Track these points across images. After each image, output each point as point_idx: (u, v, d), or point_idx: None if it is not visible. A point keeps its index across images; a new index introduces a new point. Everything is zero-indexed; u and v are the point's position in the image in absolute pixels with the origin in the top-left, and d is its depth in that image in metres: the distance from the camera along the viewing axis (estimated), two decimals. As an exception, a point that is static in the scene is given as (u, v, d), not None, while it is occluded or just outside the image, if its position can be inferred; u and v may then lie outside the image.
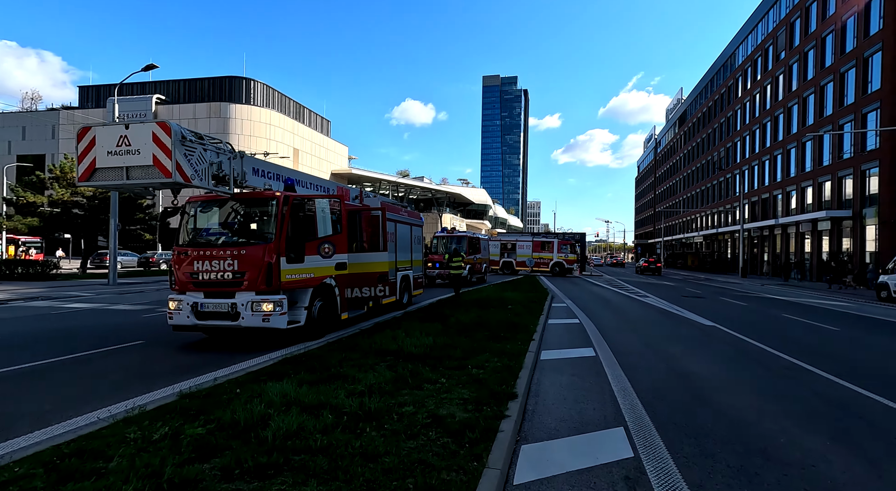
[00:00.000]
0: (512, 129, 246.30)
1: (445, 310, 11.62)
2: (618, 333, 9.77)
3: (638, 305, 15.60)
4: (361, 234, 9.93)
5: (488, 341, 7.72)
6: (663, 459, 3.67)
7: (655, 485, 3.24)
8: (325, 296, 8.47)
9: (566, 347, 8.24)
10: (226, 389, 4.82)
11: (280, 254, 7.24)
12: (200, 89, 67.93)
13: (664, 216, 73.51)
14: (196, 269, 7.33)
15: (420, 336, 7.52)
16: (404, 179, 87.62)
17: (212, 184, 6.47)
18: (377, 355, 6.48)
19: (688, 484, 3.27)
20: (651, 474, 3.40)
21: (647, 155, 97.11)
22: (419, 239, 14.28)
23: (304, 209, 7.54)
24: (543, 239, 35.24)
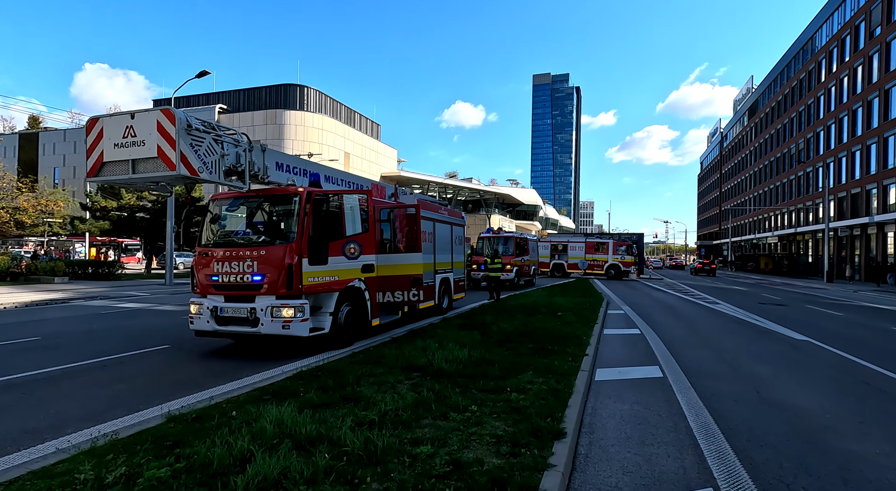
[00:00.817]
0: (563, 128, 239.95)
1: (487, 317, 10.65)
2: (688, 348, 8.38)
3: (708, 314, 13.83)
4: (396, 233, 9.21)
5: (533, 356, 6.70)
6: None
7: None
8: (354, 300, 7.80)
9: (626, 364, 7.04)
10: (221, 411, 4.18)
11: (301, 255, 6.63)
12: (258, 98, 71.03)
13: (731, 215, 68.00)
14: (216, 270, 6.88)
15: (454, 348, 6.63)
16: (452, 180, 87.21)
17: (223, 178, 5.96)
18: (403, 371, 5.67)
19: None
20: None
21: (711, 150, 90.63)
22: (461, 239, 13.41)
23: (327, 206, 6.89)
24: (598, 240, 33.25)
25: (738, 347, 8.68)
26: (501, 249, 21.87)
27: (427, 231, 10.84)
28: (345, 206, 7.20)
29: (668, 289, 23.98)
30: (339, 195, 7.11)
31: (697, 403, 5.12)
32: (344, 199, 7.19)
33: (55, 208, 35.28)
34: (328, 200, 6.90)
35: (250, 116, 67.02)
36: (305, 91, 70.11)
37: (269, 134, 64.26)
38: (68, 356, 6.89)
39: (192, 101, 75.01)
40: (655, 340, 8.98)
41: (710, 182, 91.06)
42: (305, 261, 6.66)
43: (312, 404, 4.32)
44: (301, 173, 7.69)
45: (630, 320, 11.82)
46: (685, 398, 5.31)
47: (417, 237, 8.61)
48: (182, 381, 5.59)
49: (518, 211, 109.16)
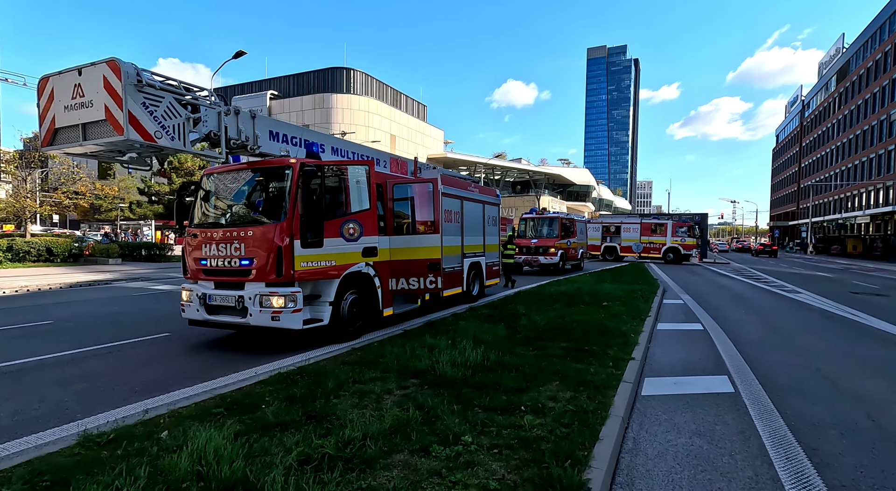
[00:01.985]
0: (620, 104, 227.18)
1: (520, 306, 9.45)
2: (765, 350, 6.79)
3: (787, 305, 11.78)
4: (413, 213, 8.16)
5: (564, 359, 5.49)
6: None
7: None
8: (361, 288, 6.90)
9: (684, 371, 5.65)
10: (149, 429, 3.37)
11: (293, 236, 5.76)
12: (307, 82, 72.01)
13: (812, 193, 61.13)
14: (204, 254, 6.18)
15: (467, 347, 5.55)
16: (499, 161, 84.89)
17: (193, 146, 5.14)
18: (399, 376, 4.68)
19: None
20: None
21: (790, 121, 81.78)
22: (495, 220, 12.16)
23: (322, 180, 5.94)
24: (654, 221, 30.55)
25: (834, 350, 6.94)
26: (546, 230, 20.34)
27: (452, 210, 9.72)
28: (344, 179, 6.23)
29: (737, 274, 21.42)
30: (334, 167, 6.13)
31: (787, 438, 3.74)
32: (341, 171, 6.22)
33: (125, 194, 37.67)
34: (322, 173, 5.95)
35: (299, 101, 68.10)
36: (352, 74, 70.14)
37: (318, 118, 65.08)
38: (60, 345, 6.51)
39: (245, 88, 77.45)
40: (723, 339, 7.41)
41: (787, 157, 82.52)
42: (298, 243, 5.79)
43: (264, 425, 3.42)
44: (302, 144, 6.79)
45: (690, 312, 10.16)
46: (768, 428, 3.93)
47: (436, 216, 7.53)
48: (149, 380, 4.92)
49: (570, 192, 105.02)
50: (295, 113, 66.00)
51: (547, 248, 19.29)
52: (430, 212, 7.62)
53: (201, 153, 5.38)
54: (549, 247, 19.27)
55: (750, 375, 5.47)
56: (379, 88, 73.10)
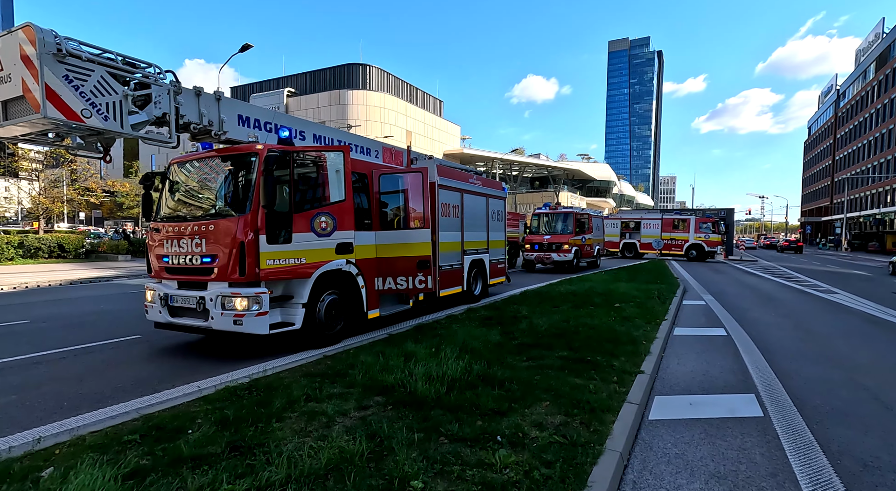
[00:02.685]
0: (642, 97, 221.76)
1: (523, 308, 8.71)
2: (801, 362, 5.90)
3: (823, 307, 10.71)
4: (404, 206, 7.50)
5: (561, 371, 4.76)
6: None
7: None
8: (342, 288, 6.29)
9: (702, 388, 4.84)
10: (39, 461, 2.81)
11: (259, 231, 5.16)
12: (323, 79, 72.11)
13: (847, 187, 58.09)
14: (166, 250, 5.65)
15: (450, 357, 4.88)
16: (517, 157, 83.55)
17: (132, 128, 4.56)
18: (363, 393, 4.04)
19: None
20: None
21: (824, 112, 78.05)
22: (500, 214, 11.42)
23: (290, 167, 5.32)
24: (676, 216, 29.19)
25: (881, 362, 6.00)
26: (560, 226, 19.43)
27: (451, 203, 9.04)
28: (317, 167, 5.60)
29: (765, 272, 20.10)
30: (304, 154, 5.50)
31: (832, 483, 2.95)
32: (312, 158, 5.58)
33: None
34: (290, 161, 5.33)
35: (315, 98, 68.15)
36: (368, 70, 69.88)
37: (334, 115, 65.04)
38: (20, 347, 6.09)
39: (263, 86, 78.14)
40: (749, 348, 6.54)
41: (820, 149, 78.86)
42: (263, 238, 5.19)
43: (175, 458, 2.81)
44: (275, 130, 6.18)
45: (712, 315, 9.24)
46: (808, 469, 3.14)
47: (426, 210, 6.85)
48: (88, 392, 4.38)
49: (589, 187, 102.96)
50: (311, 110, 66.13)
51: (560, 244, 18.40)
52: (421, 205, 6.94)
53: (148, 138, 4.84)
54: (563, 243, 18.38)
55: (782, 393, 4.64)
56: (395, 84, 72.69)
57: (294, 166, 5.36)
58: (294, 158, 5.35)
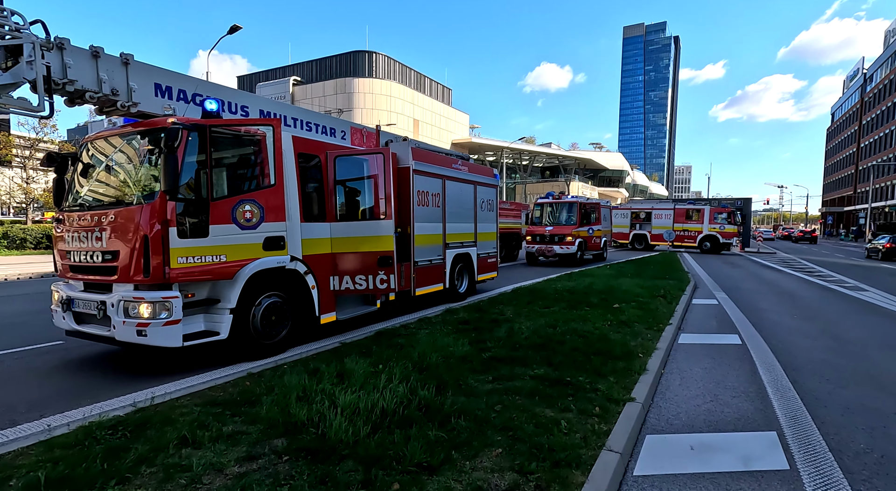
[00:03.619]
0: (657, 85, 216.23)
1: (509, 309, 7.75)
2: (832, 382, 4.85)
3: (852, 307, 9.54)
4: (365, 193, 6.55)
5: (531, 397, 3.82)
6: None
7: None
8: (288, 289, 5.39)
9: (709, 423, 3.83)
10: None
11: (168, 222, 4.26)
12: (329, 67, 71.08)
13: (873, 175, 55.51)
14: (68, 245, 4.79)
15: (396, 376, 3.96)
16: (528, 146, 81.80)
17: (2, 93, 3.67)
18: (263, 433, 3.14)
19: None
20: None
21: (849, 98, 74.75)
22: (490, 204, 10.40)
23: (206, 145, 4.39)
24: (689, 206, 27.77)
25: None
26: (563, 217, 18.32)
27: (429, 191, 8.06)
28: (242, 145, 4.67)
29: (784, 266, 18.78)
30: (224, 129, 4.56)
31: None
32: (235, 135, 4.64)
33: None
34: (206, 137, 4.39)
35: (321, 87, 67.20)
36: (374, 57, 68.64)
37: (340, 103, 64.08)
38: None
39: (269, 75, 77.31)
40: (768, 361, 5.50)
41: (843, 136, 75.72)
42: (174, 231, 4.29)
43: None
44: (198, 102, 5.24)
45: (725, 317, 8.16)
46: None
47: (388, 197, 5.88)
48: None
49: (601, 177, 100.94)
50: (317, 98, 65.28)
51: (563, 236, 17.31)
52: (383, 192, 5.98)
53: (8, 105, 3.94)
54: (566, 235, 17.28)
55: (812, 431, 3.62)
56: (402, 72, 71.33)
57: (211, 144, 4.42)
58: (210, 135, 4.41)
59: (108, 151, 4.84)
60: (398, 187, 7.53)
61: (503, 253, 19.25)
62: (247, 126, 4.64)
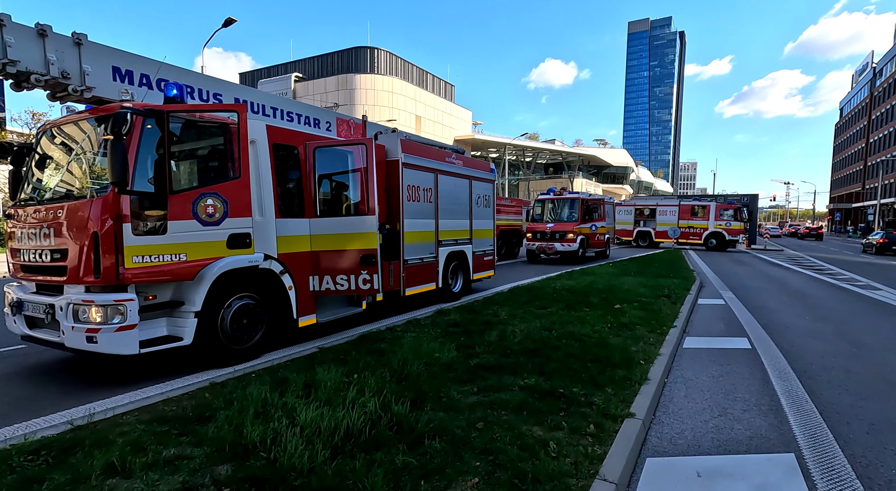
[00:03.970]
0: (663, 80, 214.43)
1: (504, 310, 7.34)
2: (853, 393, 4.42)
3: (866, 307, 9.07)
4: (347, 186, 6.15)
5: (518, 412, 3.43)
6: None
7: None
8: (262, 290, 5.01)
9: (718, 442, 3.42)
10: None
11: (121, 217, 3.88)
12: (331, 63, 70.71)
13: (882, 170, 54.59)
14: (19, 242, 4.43)
15: (371, 387, 3.57)
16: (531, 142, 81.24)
17: None
18: (208, 459, 2.75)
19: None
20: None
21: (858, 92, 73.63)
22: (487, 200, 9.99)
23: (164, 133, 4.00)
24: (695, 203, 27.22)
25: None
26: (565, 213, 17.87)
27: (421, 186, 7.66)
28: (206, 134, 4.28)
29: (792, 264, 18.26)
30: (184, 115, 4.16)
31: None
32: (194, 121, 4.25)
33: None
34: (164, 124, 4.00)
35: (323, 83, 66.78)
36: (376, 53, 68.21)
37: (341, 99, 63.68)
38: None
39: (271, 71, 76.99)
40: (781, 369, 5.07)
41: (852, 132, 74.63)
42: (128, 228, 3.91)
43: None
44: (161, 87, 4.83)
45: (733, 319, 7.72)
46: None
47: (370, 191, 5.48)
48: None
49: (606, 174, 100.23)
50: (319, 95, 64.86)
51: (564, 233, 16.86)
52: (366, 186, 5.57)
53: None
54: (567, 232, 16.84)
55: (835, 453, 3.20)
56: (404, 68, 70.84)
57: (169, 132, 4.03)
58: (168, 121, 4.01)
59: (61, 141, 4.46)
60: (387, 181, 7.15)
61: (503, 251, 18.84)
62: (209, 112, 4.25)
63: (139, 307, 4.05)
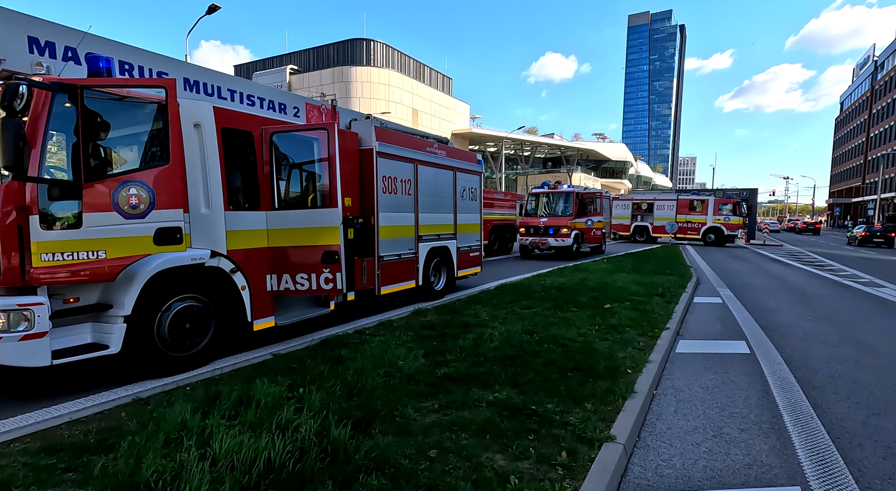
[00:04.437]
0: (662, 74, 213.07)
1: (485, 310, 6.86)
2: (863, 406, 3.94)
3: (870, 306, 8.59)
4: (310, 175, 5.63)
5: (480, 436, 2.95)
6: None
7: None
8: (211, 290, 4.51)
9: (712, 471, 2.94)
10: None
11: (27, 209, 3.37)
12: (326, 56, 69.82)
13: (883, 165, 54.05)
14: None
15: (313, 405, 3.09)
16: (529, 136, 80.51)
17: None
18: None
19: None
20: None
21: (859, 86, 72.92)
22: (473, 192, 9.48)
23: (79, 110, 3.47)
24: (693, 197, 26.69)
25: (984, 406, 4.00)
26: (559, 208, 17.34)
27: (398, 177, 7.14)
28: (124, 112, 3.76)
29: (792, 259, 17.79)
30: (104, 90, 3.63)
31: None
32: (116, 97, 3.73)
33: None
34: (79, 100, 3.47)
35: (318, 75, 65.91)
36: (372, 45, 67.35)
37: (337, 92, 62.74)
38: None
39: (266, 63, 76.09)
40: (783, 378, 4.59)
41: (853, 126, 74.01)
42: (36, 220, 3.40)
43: None
44: (98, 62, 4.28)
45: (730, 319, 7.25)
46: None
47: (332, 181, 4.97)
48: None
49: (605, 168, 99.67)
50: (315, 88, 63.98)
51: (558, 228, 16.35)
52: (328, 175, 5.05)
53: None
54: (562, 227, 16.32)
55: (849, 485, 2.72)
56: (401, 60, 69.93)
57: (85, 110, 3.50)
58: (83, 97, 3.48)
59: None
60: (360, 172, 6.64)
61: (496, 246, 18.35)
62: (130, 87, 3.72)
63: (56, 312, 3.56)
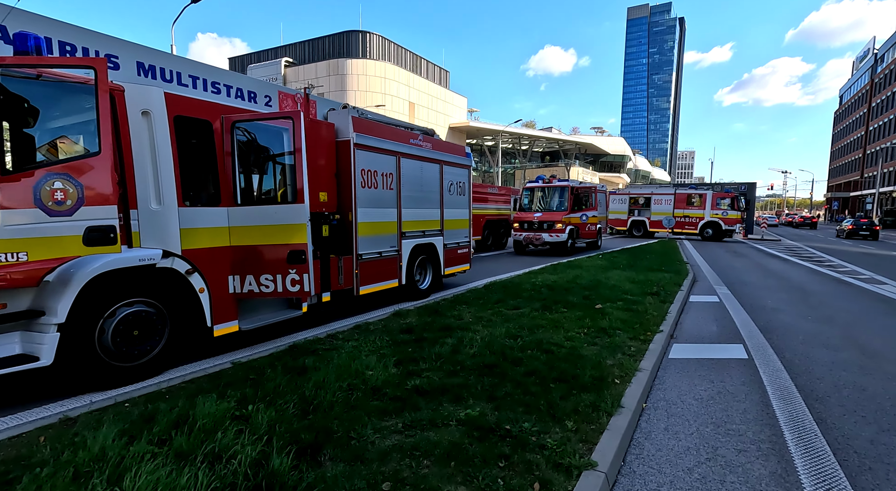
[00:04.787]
0: (661, 68, 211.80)
1: (469, 311, 6.50)
2: (869, 420, 3.61)
3: (872, 304, 8.26)
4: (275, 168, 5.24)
5: (443, 463, 2.60)
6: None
7: None
8: (165, 293, 4.14)
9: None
10: None
11: (-59, 206, 2.98)
12: (322, 48, 68.99)
13: (882, 158, 53.72)
14: None
15: (260, 427, 2.73)
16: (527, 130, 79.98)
17: None
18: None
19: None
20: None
21: (858, 79, 72.41)
22: (462, 187, 9.10)
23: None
24: (691, 191, 26.35)
25: None
26: (554, 202, 16.98)
27: (379, 170, 6.76)
28: (49, 96, 3.37)
29: (791, 255, 17.47)
30: (24, 71, 3.24)
31: None
32: (33, 77, 3.33)
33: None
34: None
35: (313, 68, 65.15)
36: (368, 37, 66.50)
37: (332, 85, 62.21)
38: None
39: (261, 56, 75.12)
40: (784, 387, 4.25)
41: (852, 119, 73.59)
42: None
43: None
44: (26, 41, 3.88)
45: (727, 320, 6.91)
46: None
47: (299, 174, 4.59)
48: None
49: (603, 162, 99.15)
50: (310, 80, 63.20)
51: (553, 223, 15.98)
52: (293, 167, 4.67)
53: None
54: (556, 222, 15.95)
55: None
56: (397, 53, 69.12)
57: (4, 93, 3.11)
58: (0, 79, 3.08)
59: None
60: (337, 165, 6.25)
61: (490, 241, 18.00)
62: (51, 67, 3.32)
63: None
